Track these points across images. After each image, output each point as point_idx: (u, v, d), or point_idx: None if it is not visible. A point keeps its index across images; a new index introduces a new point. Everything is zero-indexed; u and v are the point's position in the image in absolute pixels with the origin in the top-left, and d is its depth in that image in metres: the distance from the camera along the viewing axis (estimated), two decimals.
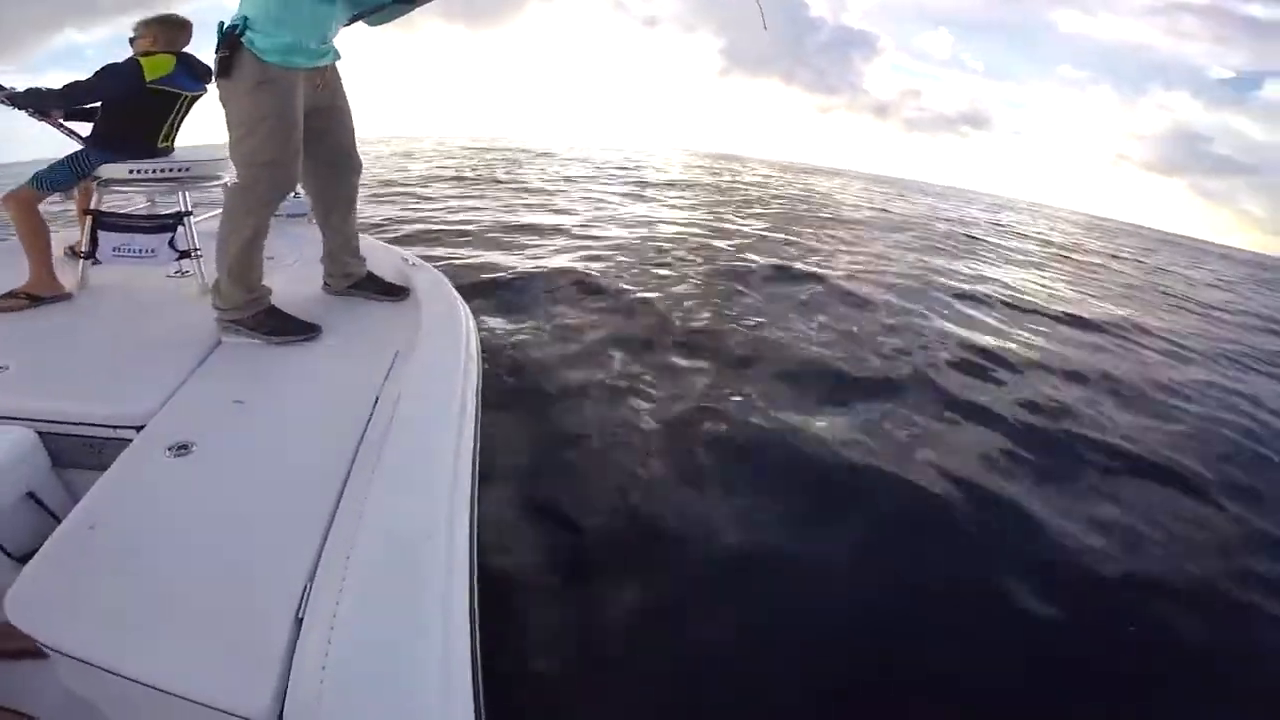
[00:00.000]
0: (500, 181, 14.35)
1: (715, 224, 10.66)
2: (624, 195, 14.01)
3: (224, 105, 1.97)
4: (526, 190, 12.97)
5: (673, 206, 12.87)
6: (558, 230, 8.25)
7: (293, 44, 1.93)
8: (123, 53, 2.51)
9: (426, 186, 12.34)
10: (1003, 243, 15.47)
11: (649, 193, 15.31)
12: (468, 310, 2.20)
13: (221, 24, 1.95)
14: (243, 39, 1.88)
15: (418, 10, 2.29)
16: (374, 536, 1.04)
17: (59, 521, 1.22)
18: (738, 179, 25.42)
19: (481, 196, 11.19)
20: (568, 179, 16.78)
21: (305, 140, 2.03)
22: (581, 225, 8.84)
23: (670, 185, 18.15)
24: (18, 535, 1.39)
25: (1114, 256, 18.16)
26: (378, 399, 1.62)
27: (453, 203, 10.05)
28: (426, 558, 1.01)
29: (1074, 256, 15.69)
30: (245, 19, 1.90)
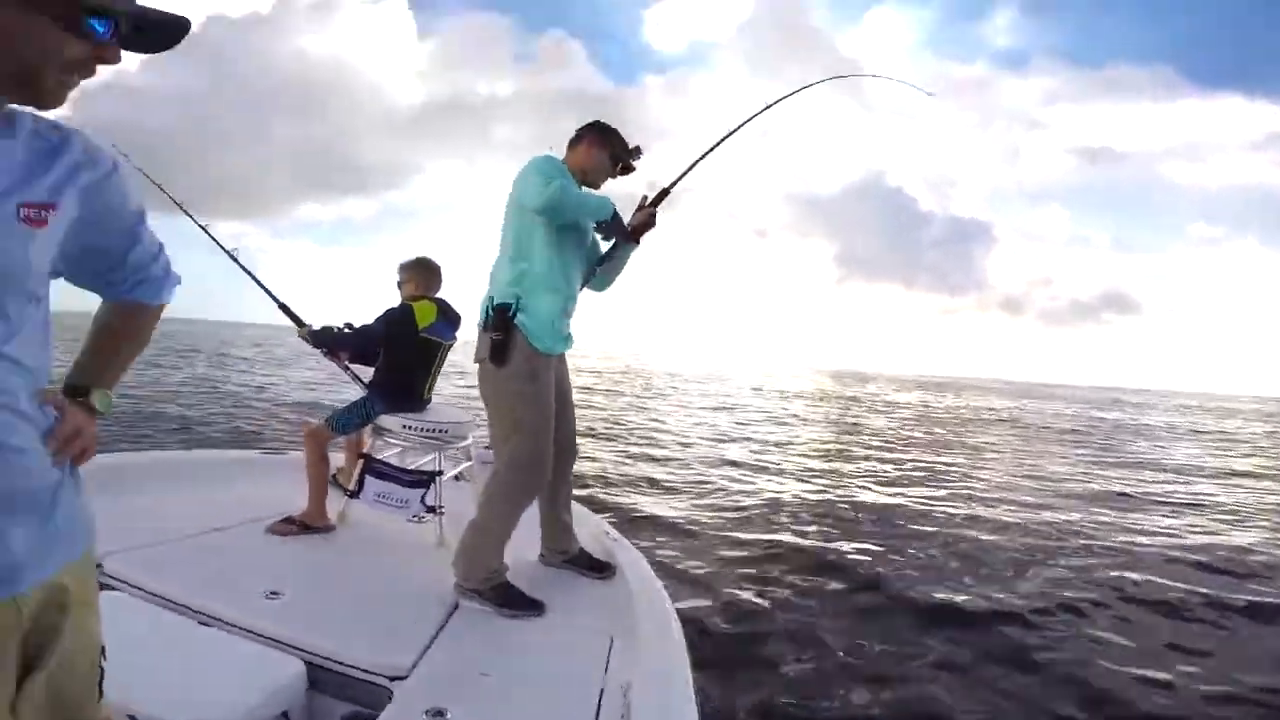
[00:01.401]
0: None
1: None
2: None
3: (484, 387, 2.26)
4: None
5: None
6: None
7: (556, 320, 2.23)
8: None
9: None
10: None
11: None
12: (665, 595, 2.29)
13: (490, 299, 2.25)
14: (515, 320, 2.19)
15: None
16: None
17: None
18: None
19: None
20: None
21: None
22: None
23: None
24: None
25: None
26: (604, 688, 1.70)
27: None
28: None
29: None
30: (518, 299, 2.20)
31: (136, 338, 1.10)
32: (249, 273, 3.26)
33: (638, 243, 2.45)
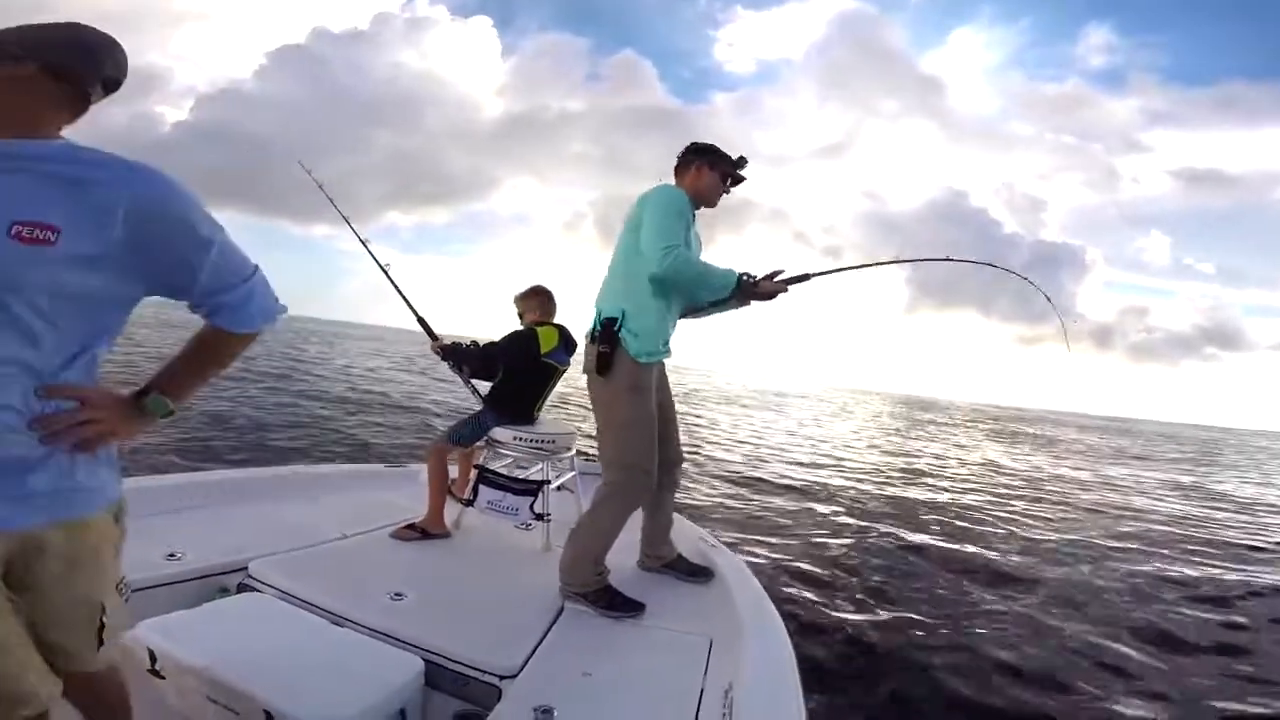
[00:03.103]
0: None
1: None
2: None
3: (593, 396, 2.34)
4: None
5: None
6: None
7: (655, 336, 2.27)
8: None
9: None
10: None
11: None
12: (767, 597, 2.26)
13: (599, 313, 2.31)
14: (620, 334, 2.25)
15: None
16: None
17: None
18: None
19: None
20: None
21: None
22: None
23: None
24: None
25: None
26: (704, 689, 1.72)
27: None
28: None
29: None
30: (624, 313, 2.25)
31: (215, 359, 1.16)
32: (397, 287, 3.37)
33: (749, 304, 2.44)
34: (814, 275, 2.46)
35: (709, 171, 2.41)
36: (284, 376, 13.69)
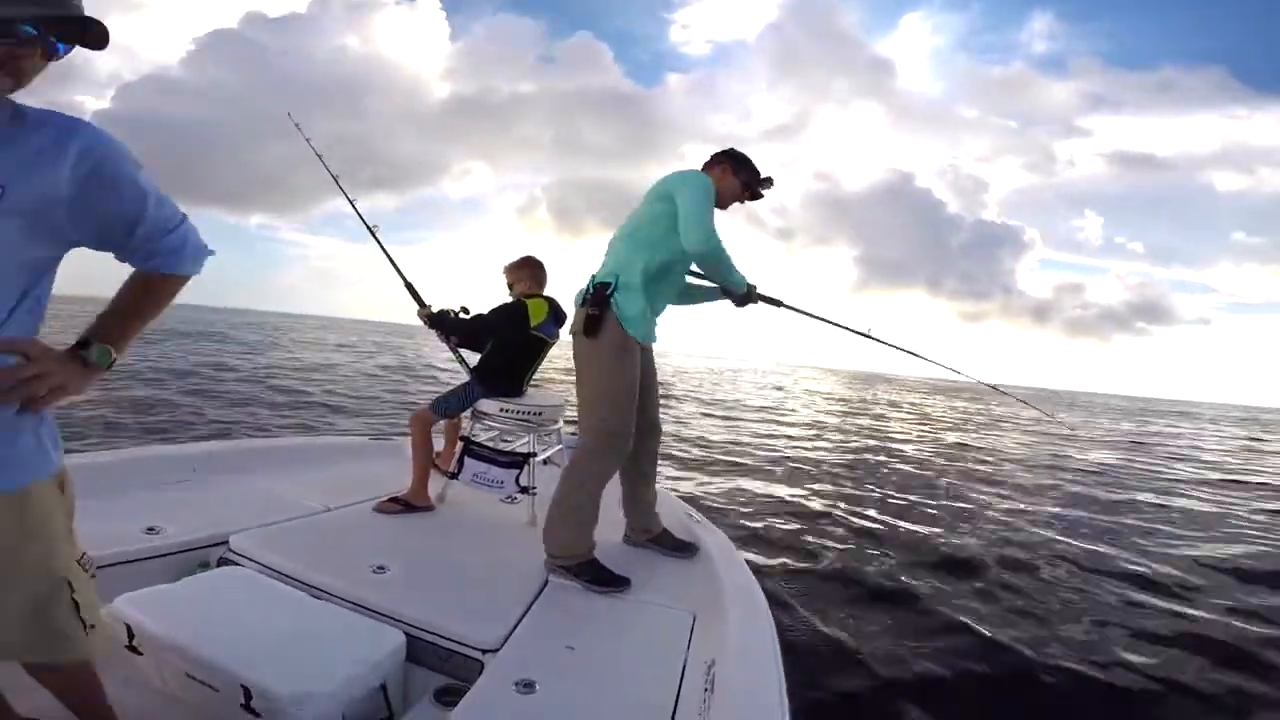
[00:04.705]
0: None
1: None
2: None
3: (578, 359, 2.34)
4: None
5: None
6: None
7: (647, 313, 2.28)
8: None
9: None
10: None
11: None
12: (750, 573, 2.26)
13: (593, 278, 2.33)
14: (611, 299, 2.25)
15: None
16: None
17: (391, 714, 1.51)
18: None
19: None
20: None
21: None
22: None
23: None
24: (360, 718, 1.57)
25: None
26: (686, 662, 1.73)
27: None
28: None
29: None
30: (617, 278, 2.26)
31: (153, 304, 1.14)
32: (386, 252, 3.39)
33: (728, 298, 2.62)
34: (784, 306, 2.75)
35: (733, 177, 2.46)
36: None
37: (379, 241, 3.39)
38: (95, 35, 0.95)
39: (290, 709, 1.39)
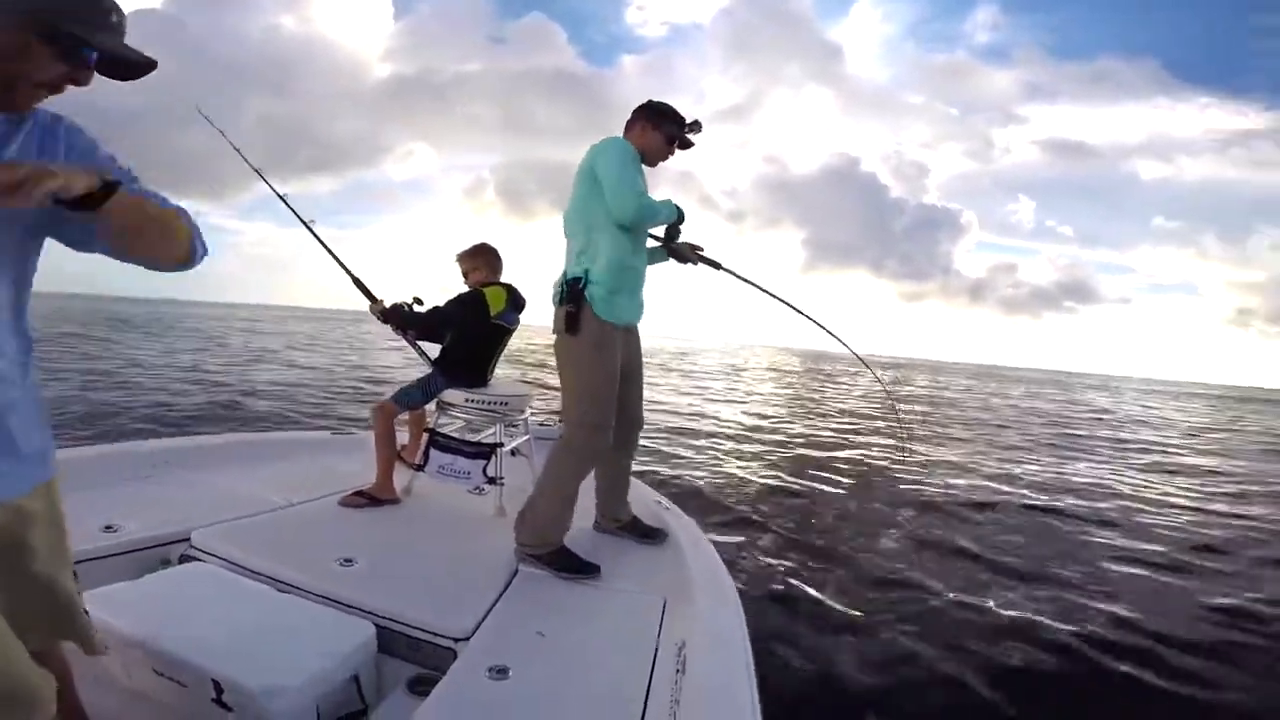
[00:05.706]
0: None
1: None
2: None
3: (559, 357, 2.35)
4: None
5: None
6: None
7: (625, 297, 2.31)
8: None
9: None
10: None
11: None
12: (719, 558, 2.33)
13: (564, 274, 2.34)
14: (585, 292, 2.26)
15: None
16: None
17: (365, 705, 1.52)
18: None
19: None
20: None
21: None
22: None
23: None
24: (333, 710, 1.57)
25: None
26: (658, 646, 1.76)
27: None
28: None
29: None
30: (587, 272, 2.27)
31: (161, 222, 1.03)
32: (325, 246, 3.19)
33: (672, 256, 2.67)
34: (723, 269, 2.71)
35: (653, 131, 2.43)
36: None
37: (318, 237, 3.18)
38: (130, 72, 0.98)
39: (262, 701, 1.39)
